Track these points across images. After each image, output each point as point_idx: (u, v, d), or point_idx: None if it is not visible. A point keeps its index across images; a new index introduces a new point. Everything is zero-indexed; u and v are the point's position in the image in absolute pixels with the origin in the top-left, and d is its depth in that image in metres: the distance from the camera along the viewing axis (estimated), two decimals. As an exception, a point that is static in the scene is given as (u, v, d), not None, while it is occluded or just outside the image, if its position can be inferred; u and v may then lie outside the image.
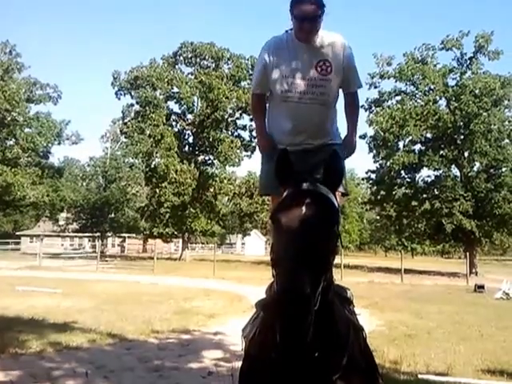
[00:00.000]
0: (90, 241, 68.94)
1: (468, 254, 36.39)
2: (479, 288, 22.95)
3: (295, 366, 2.29)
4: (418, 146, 42.83)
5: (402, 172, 42.85)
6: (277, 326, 2.14)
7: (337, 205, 2.49)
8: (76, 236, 72.42)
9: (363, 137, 43.15)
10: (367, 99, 43.60)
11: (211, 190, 48.39)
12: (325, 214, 2.33)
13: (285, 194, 2.48)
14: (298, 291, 2.09)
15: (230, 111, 48.21)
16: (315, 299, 2.16)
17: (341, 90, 3.59)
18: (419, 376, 7.34)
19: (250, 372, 2.84)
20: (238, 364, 3.11)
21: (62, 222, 69.86)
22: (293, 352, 2.16)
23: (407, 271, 31.58)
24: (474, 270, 36.49)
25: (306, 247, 2.21)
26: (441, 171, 41.88)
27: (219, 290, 20.05)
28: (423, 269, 39.87)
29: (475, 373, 7.74)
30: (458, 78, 41.77)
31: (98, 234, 64.95)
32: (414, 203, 42.16)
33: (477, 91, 38.81)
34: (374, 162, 44.24)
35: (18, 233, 75.91)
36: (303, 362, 2.26)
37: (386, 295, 19.81)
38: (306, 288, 2.11)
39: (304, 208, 2.32)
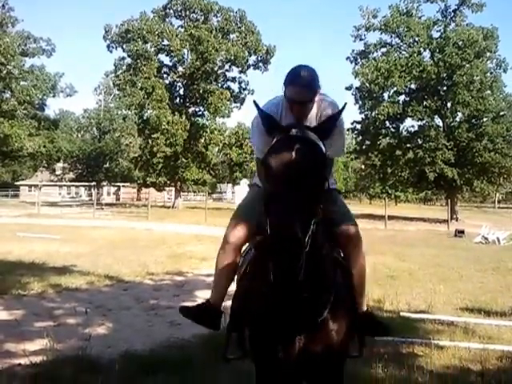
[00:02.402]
0: (86, 189, 69.75)
1: (449, 200, 37.07)
2: (459, 233, 23.43)
3: (286, 304, 2.40)
4: (402, 97, 43.34)
5: (387, 122, 43.35)
6: (270, 267, 2.21)
7: (325, 150, 2.52)
8: (73, 185, 72.81)
9: (349, 88, 43.80)
10: (353, 51, 44.16)
11: (202, 140, 48.84)
12: (314, 159, 2.37)
13: (275, 139, 2.51)
14: (289, 234, 2.14)
15: (220, 63, 48.15)
16: (306, 241, 2.20)
17: None
18: (401, 314, 7.57)
19: (241, 304, 2.95)
20: (230, 303, 3.23)
21: (58, 172, 70.31)
22: (285, 291, 2.27)
23: (391, 218, 32.35)
24: (454, 216, 37.42)
25: (296, 191, 2.24)
26: (424, 121, 42.51)
27: (211, 236, 19.46)
28: (406, 215, 40.53)
29: (454, 311, 8.01)
30: (442, 30, 42.07)
31: (94, 183, 65.45)
32: (398, 152, 42.54)
33: (460, 43, 39.14)
34: (360, 112, 44.66)
35: (16, 182, 76.52)
36: (294, 300, 2.36)
37: (371, 240, 18.91)
38: (297, 230, 2.16)
39: (294, 153, 2.33)
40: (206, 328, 3.58)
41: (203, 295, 8.65)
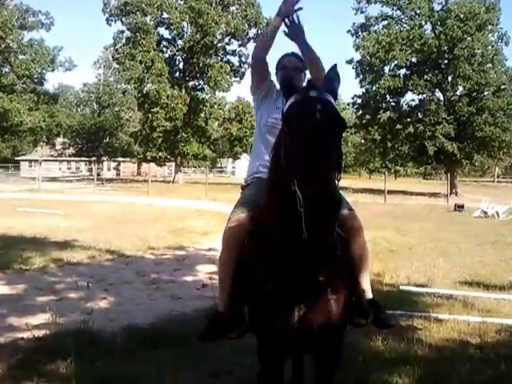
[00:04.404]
0: (86, 165, 69.54)
1: (449, 175, 37.04)
2: (459, 207, 23.46)
3: (316, 267, 2.38)
4: (403, 71, 43.19)
5: (387, 96, 43.20)
6: (306, 228, 2.11)
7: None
8: (73, 160, 72.34)
9: (350, 62, 43.52)
10: (354, 24, 43.86)
11: (202, 114, 48.57)
12: (336, 119, 2.35)
13: (293, 99, 2.45)
14: (330, 193, 2.08)
15: (220, 37, 47.62)
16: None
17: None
18: (401, 287, 7.61)
19: (242, 274, 2.93)
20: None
21: (59, 147, 69.00)
22: (322, 251, 2.23)
23: (390, 192, 32.29)
24: (454, 191, 37.58)
25: (326, 152, 2.19)
26: (425, 95, 42.39)
27: (211, 211, 20.05)
28: (406, 190, 40.62)
29: (453, 284, 8.05)
30: (444, 3, 41.83)
31: (94, 158, 65.40)
32: (398, 127, 42.77)
33: (462, 16, 38.86)
34: (360, 86, 44.52)
35: (16, 158, 76.34)
36: (326, 262, 2.34)
37: (370, 214, 19.26)
38: (336, 192, 2.14)
39: (318, 114, 2.29)
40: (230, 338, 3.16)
41: (204, 269, 9.06)
